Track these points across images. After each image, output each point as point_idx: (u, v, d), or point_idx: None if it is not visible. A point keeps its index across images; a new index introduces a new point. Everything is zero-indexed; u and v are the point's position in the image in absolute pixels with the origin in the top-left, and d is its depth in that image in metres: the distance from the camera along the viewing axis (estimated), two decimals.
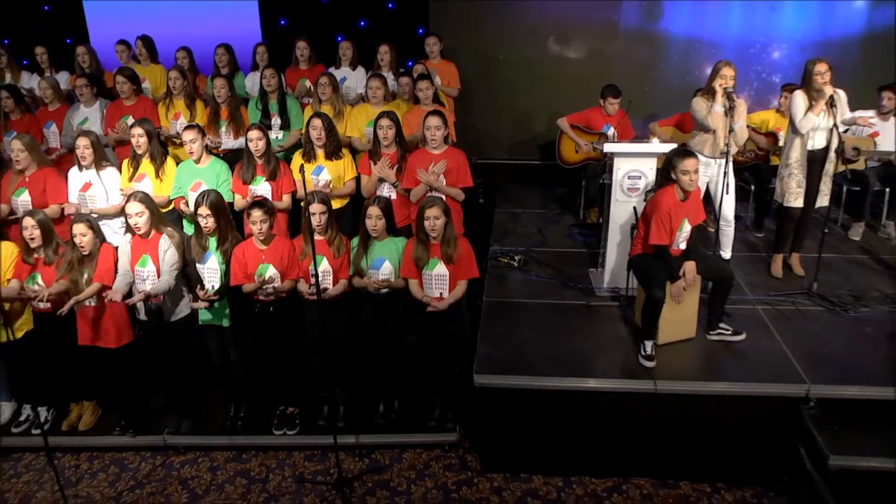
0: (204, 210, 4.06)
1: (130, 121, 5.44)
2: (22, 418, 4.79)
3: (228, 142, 5.48)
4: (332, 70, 6.01)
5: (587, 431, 4.26)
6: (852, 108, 5.96)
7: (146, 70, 6.18)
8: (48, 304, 4.26)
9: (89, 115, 5.66)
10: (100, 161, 4.86)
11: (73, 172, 4.92)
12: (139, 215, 4.05)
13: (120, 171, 5.00)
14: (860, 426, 3.96)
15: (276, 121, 5.58)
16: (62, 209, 4.91)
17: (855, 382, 4.09)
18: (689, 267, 4.17)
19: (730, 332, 4.48)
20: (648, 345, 4.22)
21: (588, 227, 6.24)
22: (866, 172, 6.17)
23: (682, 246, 4.27)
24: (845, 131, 6.05)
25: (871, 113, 5.81)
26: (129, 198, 4.11)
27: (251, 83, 6.15)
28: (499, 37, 7.42)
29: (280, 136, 5.58)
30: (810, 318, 4.81)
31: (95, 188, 4.86)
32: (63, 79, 6.33)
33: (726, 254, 5.26)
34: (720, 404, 4.12)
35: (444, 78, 6.41)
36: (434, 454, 4.58)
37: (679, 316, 4.35)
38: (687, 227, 4.23)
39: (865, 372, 4.18)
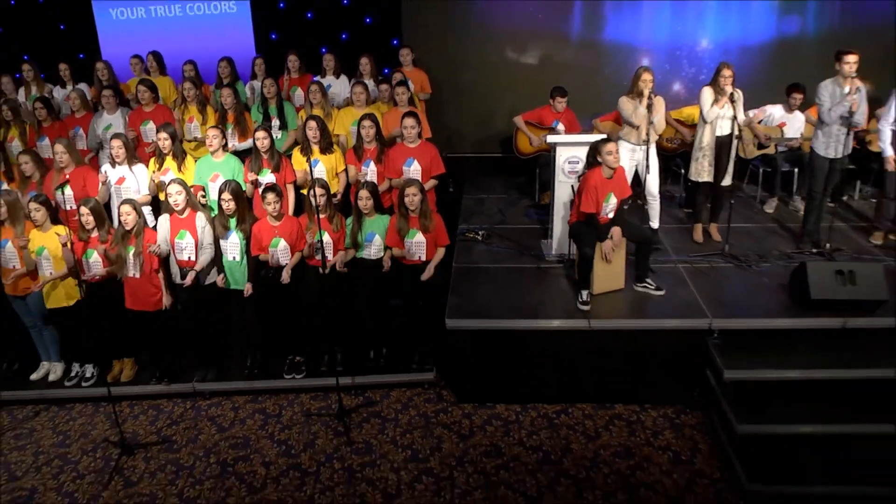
0: (227, 196, 5.06)
1: (150, 125, 6.42)
2: (72, 374, 5.74)
3: (241, 144, 6.46)
4: (318, 78, 7.02)
5: (538, 365, 5.32)
6: (765, 102, 7.25)
7: (157, 81, 7.10)
8: (100, 275, 5.26)
9: (112, 121, 6.59)
10: (131, 158, 5.83)
11: (108, 168, 5.87)
12: (178, 194, 5.04)
13: (147, 167, 5.97)
14: (749, 349, 5.08)
15: (275, 122, 6.56)
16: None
17: (747, 317, 5.21)
18: (616, 231, 5.25)
19: (653, 287, 5.54)
20: (584, 293, 5.31)
21: (542, 208, 7.28)
22: (776, 156, 7.33)
23: (610, 215, 5.35)
24: (760, 122, 7.25)
25: (758, 111, 7.10)
26: (171, 181, 5.10)
27: (251, 91, 7.12)
28: (463, 46, 8.42)
29: (279, 135, 6.56)
30: (721, 272, 5.92)
31: (129, 181, 5.82)
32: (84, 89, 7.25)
33: (654, 224, 6.35)
34: (642, 338, 5.21)
35: (416, 84, 7.41)
36: (416, 391, 5.62)
37: (610, 271, 5.43)
38: (613, 200, 5.31)
39: (757, 309, 5.29)
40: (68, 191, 5.71)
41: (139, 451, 5.10)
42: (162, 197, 5.73)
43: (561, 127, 7.17)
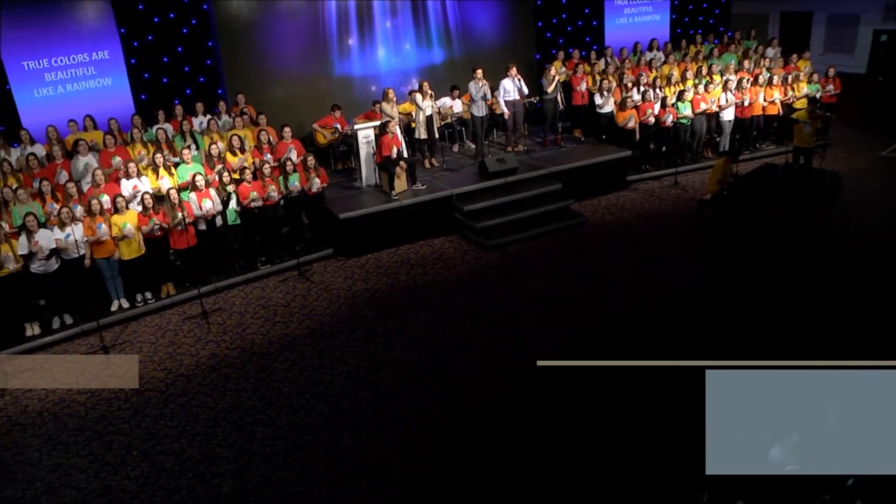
0: (227, 176, 10.00)
1: (118, 159, 10.60)
2: (138, 301, 9.93)
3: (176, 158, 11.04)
4: (210, 117, 11.74)
5: (384, 228, 11.22)
6: (442, 97, 13.87)
7: (95, 134, 11.15)
8: (159, 233, 9.69)
9: (88, 160, 10.56)
10: (139, 174, 10.20)
11: (124, 182, 10.12)
12: (202, 179, 9.80)
13: (148, 177, 10.35)
14: (471, 198, 11.61)
15: (193, 146, 11.25)
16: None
17: (465, 185, 11.75)
18: (402, 162, 11.36)
19: (421, 185, 11.81)
20: (393, 192, 11.35)
21: (340, 171, 13.12)
22: (453, 122, 14.10)
23: (395, 155, 11.43)
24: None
25: (439, 101, 13.80)
26: (195, 174, 9.81)
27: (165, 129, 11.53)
28: (266, 88, 13.54)
29: (196, 152, 11.23)
30: (444, 176, 12.40)
31: (139, 186, 10.13)
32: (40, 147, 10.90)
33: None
34: (424, 205, 11.43)
35: (254, 113, 12.51)
36: (326, 261, 11.12)
37: (401, 181, 11.51)
38: (395, 149, 11.39)
39: (467, 183, 11.88)
40: (105, 197, 9.90)
41: (210, 315, 9.76)
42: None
43: (339, 127, 12.98)
